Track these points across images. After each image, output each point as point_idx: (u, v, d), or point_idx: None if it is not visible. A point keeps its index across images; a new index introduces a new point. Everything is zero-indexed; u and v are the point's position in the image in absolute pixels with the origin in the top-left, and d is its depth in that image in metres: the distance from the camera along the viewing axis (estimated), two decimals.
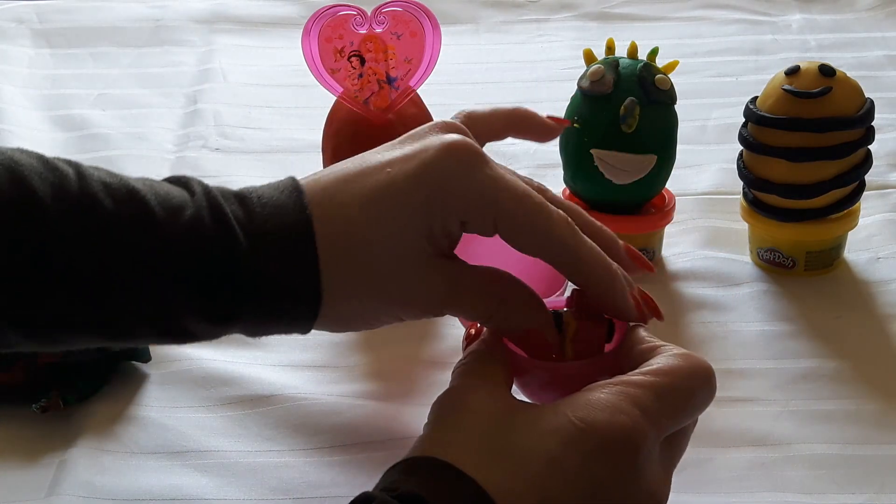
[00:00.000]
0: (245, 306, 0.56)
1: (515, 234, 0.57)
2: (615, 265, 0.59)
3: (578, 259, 0.58)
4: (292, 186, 0.58)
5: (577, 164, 0.79)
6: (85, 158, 0.95)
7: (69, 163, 0.55)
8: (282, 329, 0.58)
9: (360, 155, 0.59)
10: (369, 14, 0.75)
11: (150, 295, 0.55)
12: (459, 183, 0.57)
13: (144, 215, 0.55)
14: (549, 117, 0.66)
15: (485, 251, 0.61)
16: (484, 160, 0.58)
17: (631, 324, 0.60)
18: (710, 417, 0.68)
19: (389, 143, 0.60)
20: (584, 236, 0.58)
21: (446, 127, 0.60)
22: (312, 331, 0.58)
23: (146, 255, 0.54)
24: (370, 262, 0.56)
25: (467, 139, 0.59)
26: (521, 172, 0.93)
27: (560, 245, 0.57)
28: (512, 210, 0.57)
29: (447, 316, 0.72)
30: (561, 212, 0.58)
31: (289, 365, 0.73)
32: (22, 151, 0.55)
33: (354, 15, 0.74)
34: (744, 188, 0.81)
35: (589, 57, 0.80)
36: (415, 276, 0.57)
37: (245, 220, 0.56)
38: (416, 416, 0.68)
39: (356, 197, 0.56)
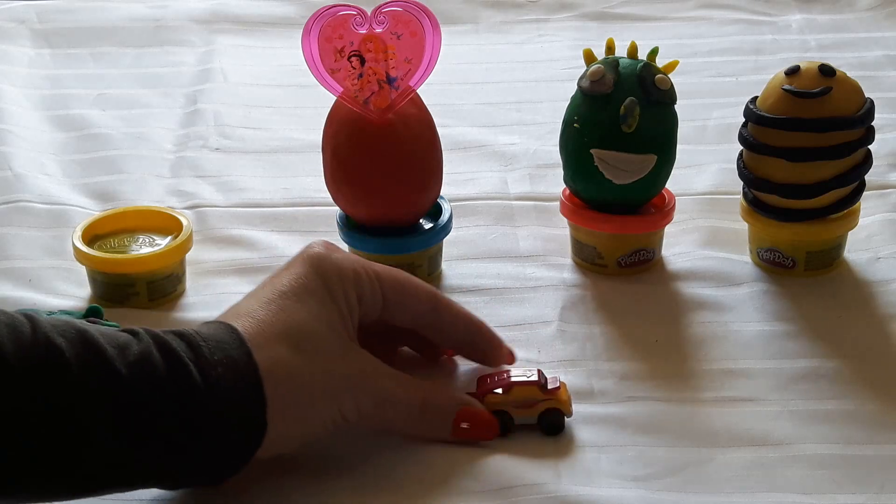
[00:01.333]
0: (191, 439, 0.57)
1: (401, 297, 0.66)
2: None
3: (453, 308, 0.68)
4: (226, 325, 0.61)
5: (577, 164, 0.79)
6: (85, 158, 0.96)
7: (18, 312, 0.57)
8: (218, 464, 0.59)
9: (263, 283, 0.64)
10: (369, 14, 0.75)
11: (102, 434, 0.56)
12: (336, 266, 0.64)
13: (96, 355, 0.56)
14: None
15: None
16: (335, 253, 0.65)
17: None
18: (710, 417, 0.68)
19: (271, 287, 0.64)
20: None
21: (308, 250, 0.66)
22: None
23: (99, 393, 0.55)
24: (304, 377, 0.61)
25: (315, 244, 0.66)
26: (521, 172, 0.94)
27: (436, 299, 0.68)
28: (391, 277, 0.66)
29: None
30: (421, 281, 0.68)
31: None
32: None
33: (354, 15, 0.74)
34: (744, 188, 0.81)
35: (589, 57, 0.80)
36: (348, 364, 0.62)
37: (193, 355, 0.58)
38: None
39: (270, 330, 0.61)
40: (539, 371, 0.68)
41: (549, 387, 0.67)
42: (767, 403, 0.69)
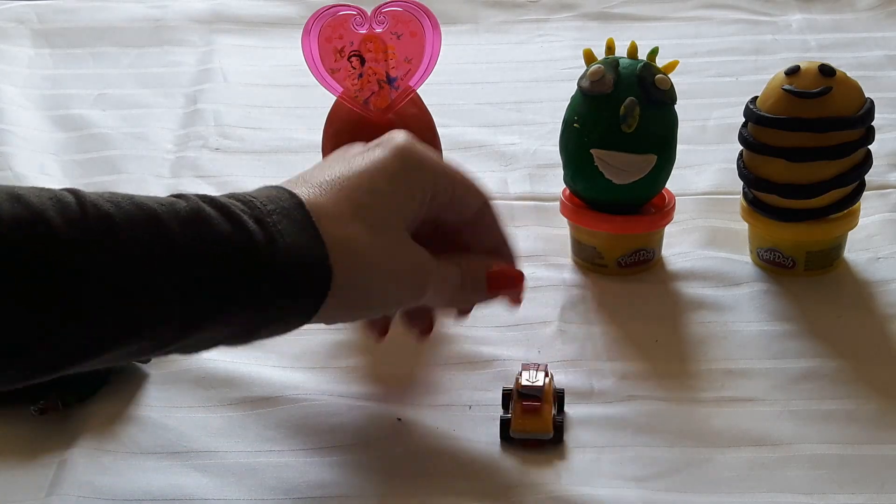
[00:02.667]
0: (254, 289, 0.56)
1: (465, 192, 0.65)
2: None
3: (494, 212, 0.68)
4: (288, 193, 0.59)
5: (577, 164, 0.79)
6: (85, 158, 0.96)
7: (71, 192, 0.55)
8: (284, 316, 0.58)
9: (336, 158, 0.64)
10: (369, 14, 0.75)
11: (164, 291, 0.54)
12: (420, 158, 0.63)
13: (145, 213, 0.55)
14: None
15: None
16: (421, 146, 0.64)
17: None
18: (710, 417, 0.68)
19: (355, 149, 0.64)
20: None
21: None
22: (315, 327, 0.60)
23: (155, 251, 0.54)
24: (367, 241, 0.59)
25: (404, 133, 0.65)
26: (521, 172, 0.94)
27: (487, 200, 0.67)
28: (459, 174, 0.65)
29: (444, 321, 0.72)
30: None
31: (289, 366, 0.73)
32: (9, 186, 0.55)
33: (354, 15, 0.74)
34: (744, 188, 0.81)
35: (589, 57, 0.80)
36: (404, 253, 0.61)
37: (244, 207, 0.57)
38: (415, 417, 0.68)
39: (336, 183, 0.60)
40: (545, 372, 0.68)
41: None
42: (767, 403, 0.69)
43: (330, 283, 0.58)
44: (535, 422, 0.66)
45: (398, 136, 0.63)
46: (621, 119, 0.76)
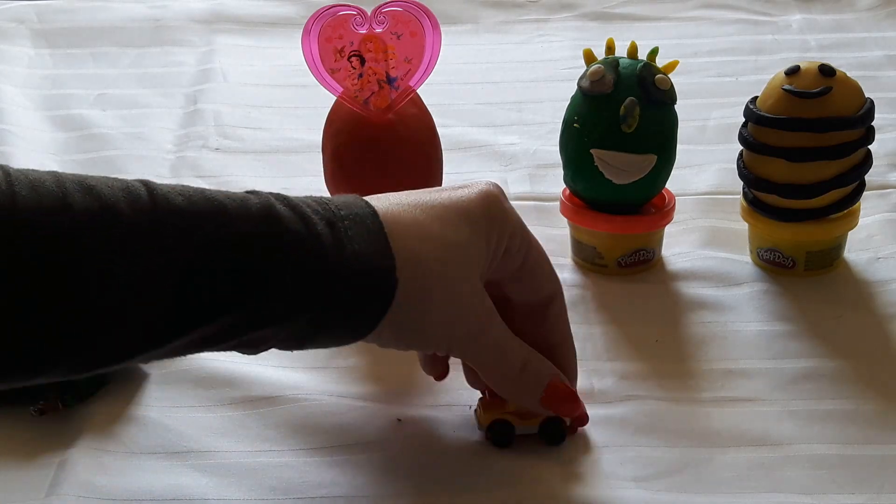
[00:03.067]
0: (316, 296, 0.56)
1: (538, 267, 0.64)
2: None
3: (564, 306, 0.66)
4: (364, 204, 0.59)
5: (577, 164, 0.79)
6: (85, 158, 0.96)
7: (143, 183, 0.56)
8: (340, 329, 0.58)
9: (421, 189, 0.63)
10: (369, 14, 0.75)
11: (229, 285, 0.55)
12: (504, 209, 0.62)
13: (217, 209, 0.55)
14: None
15: None
16: (507, 199, 0.63)
17: None
18: (710, 417, 0.68)
19: (432, 195, 0.62)
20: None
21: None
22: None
23: (224, 245, 0.55)
24: (437, 276, 0.59)
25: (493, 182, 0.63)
26: (521, 172, 0.94)
27: (560, 288, 0.65)
28: (536, 245, 0.64)
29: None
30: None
31: (289, 366, 0.73)
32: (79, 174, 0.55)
33: (354, 15, 0.74)
34: (744, 188, 0.81)
35: (589, 57, 0.80)
36: (471, 301, 0.60)
37: (318, 208, 0.57)
38: (415, 417, 0.68)
39: (416, 208, 0.60)
40: None
41: None
42: (767, 403, 0.69)
43: (393, 295, 0.57)
44: (499, 408, 0.66)
45: (488, 185, 0.62)
46: (621, 119, 0.76)
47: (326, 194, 0.79)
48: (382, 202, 0.59)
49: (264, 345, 0.58)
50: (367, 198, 0.60)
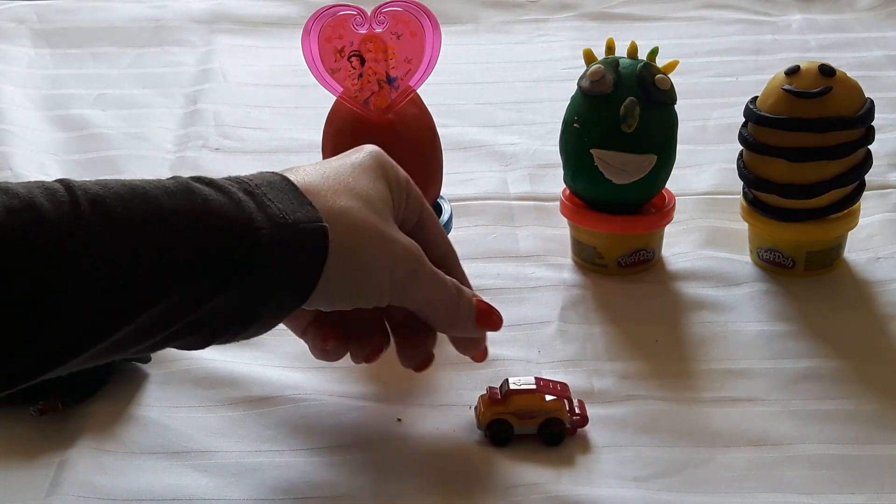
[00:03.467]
0: (249, 267, 0.56)
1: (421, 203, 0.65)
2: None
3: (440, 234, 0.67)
4: (277, 174, 0.60)
5: (577, 164, 0.79)
6: (85, 158, 0.96)
7: (59, 181, 0.55)
8: (279, 296, 0.58)
9: (322, 163, 0.64)
10: (369, 14, 0.75)
11: (156, 267, 0.54)
12: (393, 165, 0.64)
13: (135, 190, 0.55)
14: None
15: None
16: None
17: None
18: (710, 417, 0.68)
19: (326, 163, 0.64)
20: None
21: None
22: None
23: (151, 227, 0.54)
24: (365, 225, 0.60)
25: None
26: (521, 172, 0.94)
27: (432, 218, 0.66)
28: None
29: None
30: None
31: (289, 365, 0.73)
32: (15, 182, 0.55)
33: (354, 15, 0.74)
34: (744, 188, 0.81)
35: (589, 57, 0.80)
36: (403, 244, 0.61)
37: (236, 184, 0.58)
38: (415, 417, 0.68)
39: (328, 175, 0.61)
40: (537, 379, 0.67)
41: (549, 398, 0.66)
42: (767, 403, 0.69)
43: (327, 247, 0.58)
44: (498, 407, 0.66)
45: (368, 146, 0.65)
46: (621, 119, 0.76)
47: None
48: (291, 171, 0.61)
49: (209, 328, 0.57)
50: (283, 170, 0.61)
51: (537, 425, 0.66)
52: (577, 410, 0.67)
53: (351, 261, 0.59)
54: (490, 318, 0.66)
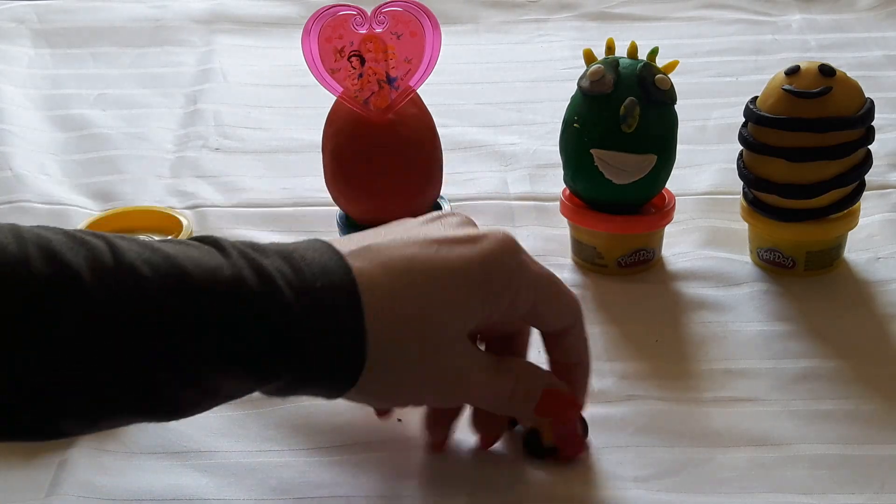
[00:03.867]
0: (287, 365, 0.55)
1: (548, 310, 0.62)
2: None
3: (583, 332, 0.64)
4: (330, 249, 0.57)
5: (577, 164, 0.79)
6: (85, 158, 0.96)
7: (96, 235, 0.54)
8: (316, 391, 0.58)
9: (394, 224, 0.61)
10: (369, 14, 0.75)
11: (193, 362, 0.53)
12: (511, 270, 0.60)
13: (183, 282, 0.53)
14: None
15: None
16: (522, 250, 0.61)
17: None
18: (710, 417, 0.68)
19: (422, 218, 0.61)
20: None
21: (469, 221, 0.62)
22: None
23: (188, 320, 0.53)
24: (415, 337, 0.57)
25: (509, 233, 0.61)
26: (521, 172, 0.94)
27: (577, 319, 0.64)
28: (547, 290, 0.62)
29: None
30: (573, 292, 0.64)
31: None
32: (46, 228, 0.53)
33: (354, 15, 0.74)
34: (744, 188, 0.81)
35: (589, 57, 0.80)
36: (450, 358, 0.59)
37: (292, 276, 0.55)
38: (416, 417, 0.68)
39: (401, 267, 0.57)
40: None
41: None
42: (767, 403, 0.69)
43: (361, 370, 0.56)
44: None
45: (498, 239, 0.59)
46: (621, 119, 0.76)
47: (326, 194, 0.80)
48: (365, 259, 0.57)
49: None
50: (350, 253, 0.57)
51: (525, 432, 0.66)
52: (571, 434, 0.65)
53: (386, 379, 0.57)
54: (554, 410, 0.63)
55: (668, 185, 0.81)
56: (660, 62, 0.79)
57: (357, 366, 0.56)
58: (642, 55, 0.79)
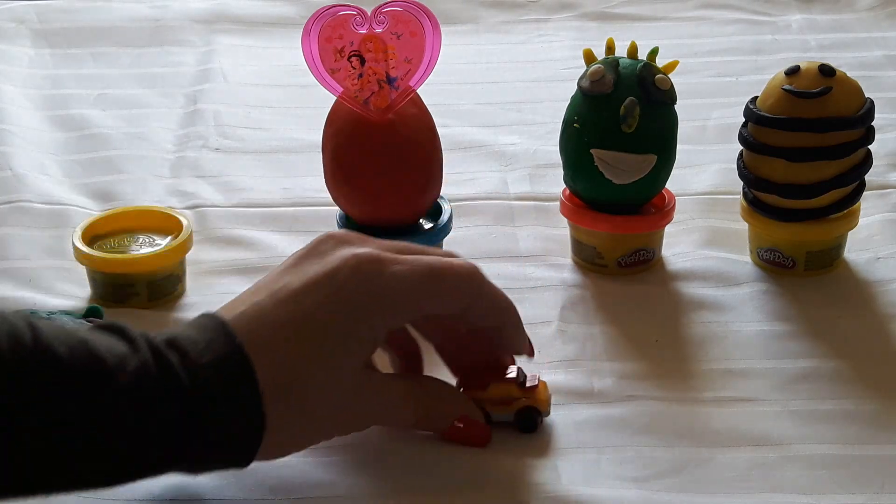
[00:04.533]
0: (191, 444, 0.57)
1: (437, 303, 0.62)
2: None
3: (492, 302, 0.64)
4: (219, 327, 0.59)
5: (577, 164, 0.79)
6: (85, 158, 0.96)
7: (16, 313, 0.56)
8: (221, 464, 0.60)
9: (266, 281, 0.62)
10: (369, 14, 0.75)
11: (103, 443, 0.56)
12: (375, 295, 0.60)
13: (97, 365, 0.55)
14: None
15: None
16: (385, 262, 0.61)
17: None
18: (710, 417, 0.68)
19: (292, 260, 0.62)
20: (486, 278, 0.64)
21: (342, 239, 0.63)
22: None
23: (100, 403, 0.55)
24: (306, 393, 0.59)
25: (366, 250, 0.61)
26: (521, 172, 0.94)
27: (472, 295, 0.63)
28: (433, 289, 0.61)
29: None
30: (463, 262, 0.63)
31: None
32: None
33: (354, 15, 0.74)
34: (744, 188, 0.81)
35: (589, 57, 0.80)
36: (347, 398, 0.61)
37: (182, 364, 0.57)
38: None
39: (280, 334, 0.59)
40: (519, 368, 0.68)
41: (528, 384, 0.67)
42: (767, 403, 0.69)
43: (261, 440, 0.58)
44: (475, 393, 0.66)
45: (349, 262, 0.60)
46: (621, 119, 0.76)
47: (326, 194, 0.80)
48: (245, 322, 0.59)
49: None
50: (234, 319, 0.59)
51: (513, 413, 0.66)
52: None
53: (288, 431, 0.59)
54: (461, 441, 0.65)
55: (668, 185, 0.81)
56: (660, 62, 0.79)
57: (259, 427, 0.58)
58: (642, 55, 0.79)
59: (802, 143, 0.76)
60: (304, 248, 0.62)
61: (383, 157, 0.76)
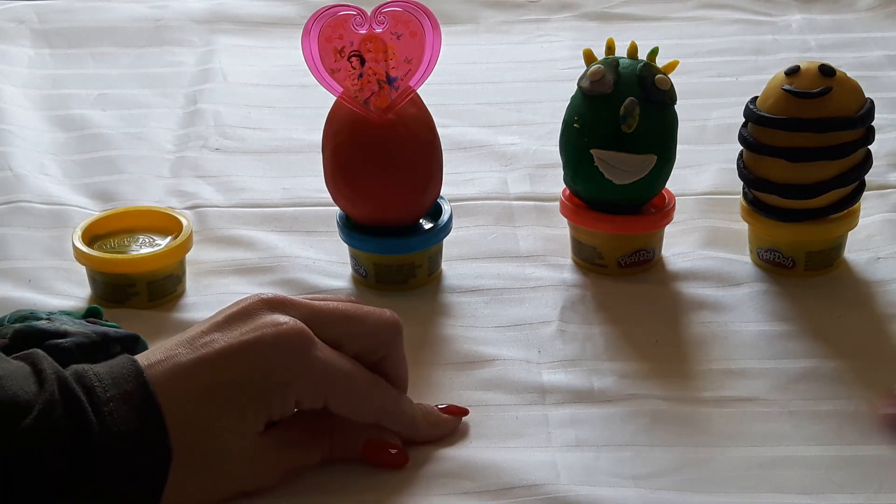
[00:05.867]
0: (95, 481, 0.56)
1: (344, 408, 0.63)
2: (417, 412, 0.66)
3: (396, 415, 0.65)
4: (135, 373, 0.59)
5: (577, 164, 0.79)
6: (85, 158, 0.96)
7: None
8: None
9: (190, 336, 0.61)
10: (369, 14, 0.75)
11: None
12: (294, 370, 0.61)
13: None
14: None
15: None
16: (313, 342, 0.61)
17: None
18: (710, 417, 0.68)
19: (221, 318, 0.62)
20: (396, 392, 0.66)
21: (272, 303, 0.62)
22: None
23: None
24: (213, 448, 0.59)
25: (296, 324, 0.61)
26: (521, 172, 0.94)
27: (381, 411, 0.64)
28: (342, 388, 0.62)
29: (445, 319, 0.72)
30: (378, 379, 0.64)
31: None
32: None
33: (354, 15, 0.74)
34: (744, 188, 0.81)
35: (589, 57, 0.80)
36: (250, 457, 0.61)
37: (93, 399, 0.57)
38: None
39: (195, 392, 0.59)
40: None
41: None
42: (767, 403, 0.69)
43: (166, 478, 0.58)
44: None
45: (280, 328, 0.60)
46: (621, 119, 0.76)
47: (326, 194, 0.80)
48: (161, 372, 0.59)
49: None
50: (150, 366, 0.59)
51: None
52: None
53: (194, 480, 0.59)
54: (375, 463, 0.64)
55: (668, 185, 0.81)
56: (660, 62, 0.79)
57: (165, 462, 0.57)
58: (642, 55, 0.79)
59: (802, 144, 0.76)
60: (234, 306, 0.62)
61: (383, 157, 0.76)
